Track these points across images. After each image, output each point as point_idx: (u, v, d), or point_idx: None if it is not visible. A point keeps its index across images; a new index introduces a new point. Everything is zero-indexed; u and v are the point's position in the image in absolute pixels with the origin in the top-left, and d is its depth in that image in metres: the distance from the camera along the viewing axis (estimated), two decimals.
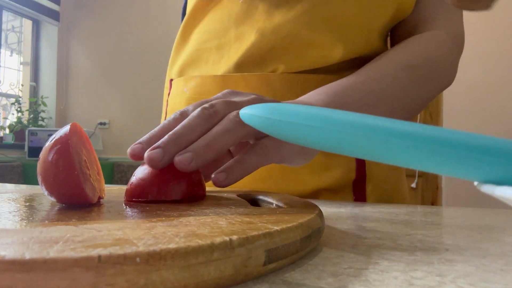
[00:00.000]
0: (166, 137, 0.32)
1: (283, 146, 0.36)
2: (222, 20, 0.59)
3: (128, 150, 0.33)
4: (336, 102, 0.43)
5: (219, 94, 0.39)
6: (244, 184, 0.53)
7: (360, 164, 0.55)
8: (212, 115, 0.33)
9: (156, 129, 0.35)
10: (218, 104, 0.34)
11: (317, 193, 0.54)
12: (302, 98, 0.43)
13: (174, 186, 0.31)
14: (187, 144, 0.32)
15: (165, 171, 0.31)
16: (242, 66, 0.56)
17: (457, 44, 0.57)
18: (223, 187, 0.33)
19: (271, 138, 0.35)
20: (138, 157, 0.32)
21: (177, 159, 0.31)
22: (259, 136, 0.35)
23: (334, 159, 0.54)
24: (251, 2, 0.56)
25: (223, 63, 0.58)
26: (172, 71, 0.67)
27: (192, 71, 0.62)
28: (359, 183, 0.55)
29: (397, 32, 0.60)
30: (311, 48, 0.55)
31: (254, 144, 0.35)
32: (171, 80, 0.66)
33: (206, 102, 0.36)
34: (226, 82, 0.56)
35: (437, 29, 0.56)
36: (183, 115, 0.35)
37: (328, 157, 0.54)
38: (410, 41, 0.54)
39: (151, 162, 0.31)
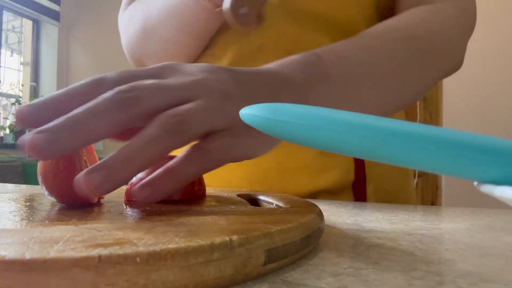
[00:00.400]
0: (62, 119, 0.23)
1: (231, 149, 0.28)
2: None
3: (16, 112, 0.25)
4: (315, 72, 0.36)
5: (154, 67, 0.29)
6: (238, 186, 0.53)
7: (359, 165, 0.54)
8: (129, 103, 0.25)
9: (61, 91, 0.26)
10: (141, 88, 0.26)
11: (316, 195, 0.53)
12: (270, 65, 0.35)
13: None
14: (86, 135, 0.24)
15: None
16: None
17: (467, 19, 0.51)
18: (148, 203, 0.28)
19: (215, 140, 0.27)
20: (24, 123, 0.24)
21: (85, 179, 0.23)
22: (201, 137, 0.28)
23: (331, 160, 0.52)
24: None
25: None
26: None
27: None
28: (359, 184, 0.54)
29: (400, 8, 0.53)
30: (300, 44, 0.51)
31: (192, 149, 0.27)
32: None
33: (133, 76, 0.27)
34: None
35: (444, 2, 0.49)
36: (100, 83, 0.26)
37: (325, 159, 0.52)
38: (411, 11, 0.48)
39: (33, 149, 0.22)
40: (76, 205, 0.29)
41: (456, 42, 0.48)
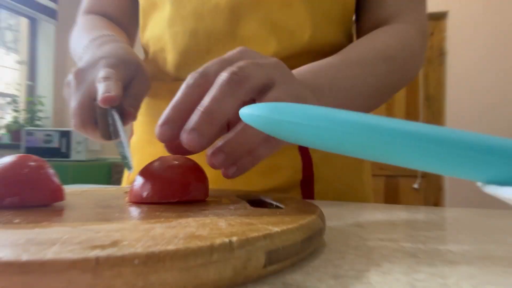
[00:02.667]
0: (197, 114, 0.30)
1: None
2: (162, 25, 0.59)
3: (156, 133, 0.31)
4: (326, 81, 0.43)
5: (235, 52, 0.35)
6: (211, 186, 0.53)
7: (307, 165, 0.56)
8: (243, 82, 0.31)
9: (178, 99, 0.32)
10: (247, 67, 0.32)
11: (265, 193, 0.56)
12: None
13: (194, 187, 0.32)
14: (222, 122, 0.30)
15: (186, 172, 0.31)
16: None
17: (424, 37, 0.59)
18: (231, 178, 0.34)
19: None
20: (170, 143, 0.31)
21: (211, 159, 0.32)
22: None
23: (280, 161, 0.55)
24: (181, 1, 0.56)
25: (168, 66, 0.59)
26: None
27: (151, 72, 0.61)
28: (307, 183, 0.56)
29: (365, 25, 0.61)
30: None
31: (268, 137, 0.33)
32: None
33: (229, 61, 0.33)
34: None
35: (406, 24, 0.57)
36: (205, 77, 0.32)
37: (274, 159, 0.55)
38: (384, 31, 0.55)
39: (191, 148, 0.30)
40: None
41: (418, 60, 0.57)
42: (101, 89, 0.40)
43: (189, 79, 0.33)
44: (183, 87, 0.32)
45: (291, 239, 0.22)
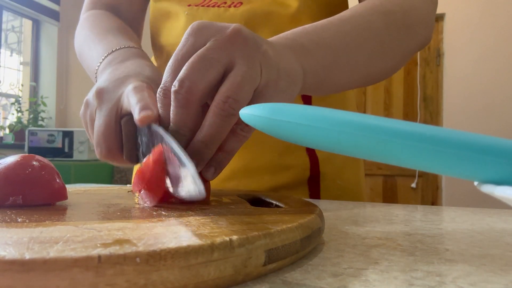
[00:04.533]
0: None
1: None
2: (177, 34, 0.61)
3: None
4: (308, 40, 0.41)
5: (187, 37, 0.33)
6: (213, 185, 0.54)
7: (314, 163, 0.59)
8: (187, 99, 0.31)
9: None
10: (187, 76, 0.31)
11: (275, 191, 0.58)
12: (270, 39, 0.39)
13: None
14: (185, 140, 0.32)
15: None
16: None
17: None
18: (212, 179, 0.34)
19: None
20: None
21: (203, 173, 0.33)
22: None
23: (289, 160, 0.59)
24: (197, 13, 0.59)
25: None
26: None
27: None
28: (313, 180, 0.60)
29: None
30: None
31: (233, 127, 0.33)
32: None
33: (180, 61, 0.33)
34: None
35: None
36: (166, 95, 0.33)
37: (283, 159, 0.58)
38: None
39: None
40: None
41: (425, 17, 0.53)
42: (138, 106, 0.35)
43: (157, 101, 0.34)
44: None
45: (291, 238, 0.22)
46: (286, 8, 0.58)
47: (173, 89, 0.31)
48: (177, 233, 0.20)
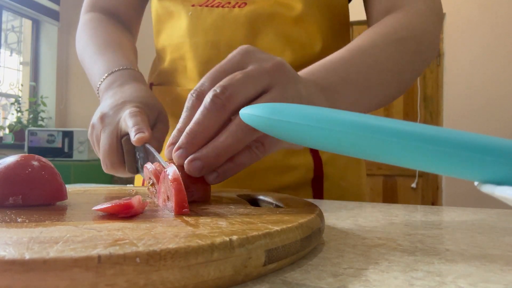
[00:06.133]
0: (184, 136, 0.32)
1: (279, 142, 0.35)
2: (179, 34, 0.62)
3: (166, 155, 0.34)
4: (338, 78, 0.43)
5: (235, 54, 0.36)
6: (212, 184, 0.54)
7: (318, 164, 0.60)
8: (225, 104, 0.32)
9: (180, 126, 0.35)
10: (232, 85, 0.32)
11: (279, 191, 0.59)
12: (302, 74, 0.42)
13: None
14: (203, 142, 0.33)
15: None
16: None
17: (438, 15, 0.58)
18: (213, 184, 0.34)
19: (267, 136, 0.34)
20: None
21: (188, 167, 0.32)
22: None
23: (294, 160, 0.59)
24: (201, 14, 0.59)
25: (189, 73, 0.61)
26: (153, 75, 0.69)
27: (169, 76, 0.65)
28: (317, 181, 0.60)
29: (374, 8, 0.60)
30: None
31: (250, 143, 0.34)
32: (151, 83, 0.69)
33: (225, 72, 0.34)
34: None
35: (416, 2, 0.56)
36: (199, 97, 0.34)
37: (288, 159, 0.59)
38: (393, 15, 0.55)
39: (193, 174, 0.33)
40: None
41: (435, 39, 0.56)
42: (133, 129, 0.43)
43: (187, 101, 0.35)
44: (183, 111, 0.35)
45: (291, 238, 0.22)
46: (290, 9, 0.58)
47: (212, 93, 0.32)
48: (177, 233, 0.20)
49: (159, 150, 0.47)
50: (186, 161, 0.32)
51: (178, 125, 0.35)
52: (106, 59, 0.59)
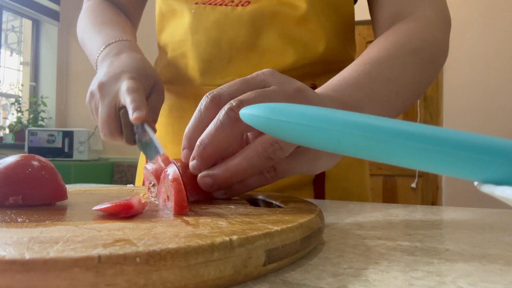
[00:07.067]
0: (197, 147, 0.32)
1: (296, 169, 0.35)
2: (181, 32, 0.62)
3: (190, 167, 0.33)
4: (363, 95, 0.42)
5: (260, 73, 0.35)
6: None
7: None
8: (238, 120, 0.31)
9: (190, 127, 0.34)
10: (250, 100, 0.32)
11: (280, 191, 0.58)
12: (324, 90, 0.41)
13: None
14: (215, 156, 0.32)
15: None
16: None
17: (447, 22, 0.59)
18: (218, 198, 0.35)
19: (283, 161, 0.34)
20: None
21: (199, 181, 0.32)
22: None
23: None
24: (203, 11, 0.59)
25: (190, 71, 0.61)
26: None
27: (170, 74, 0.65)
28: (318, 181, 0.60)
29: (381, 14, 0.60)
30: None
31: (264, 169, 0.33)
32: None
33: (249, 84, 0.34)
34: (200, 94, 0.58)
35: (425, 10, 0.56)
36: (216, 102, 0.33)
37: None
38: (405, 24, 0.54)
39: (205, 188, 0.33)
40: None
41: (445, 44, 0.57)
42: (131, 106, 0.45)
43: (202, 102, 0.34)
44: (196, 111, 0.34)
45: (291, 238, 0.22)
46: (294, 9, 0.58)
47: (228, 105, 0.31)
48: (177, 233, 0.20)
49: (154, 119, 0.49)
50: (199, 176, 0.32)
51: (189, 125, 0.34)
52: (104, 34, 0.61)
